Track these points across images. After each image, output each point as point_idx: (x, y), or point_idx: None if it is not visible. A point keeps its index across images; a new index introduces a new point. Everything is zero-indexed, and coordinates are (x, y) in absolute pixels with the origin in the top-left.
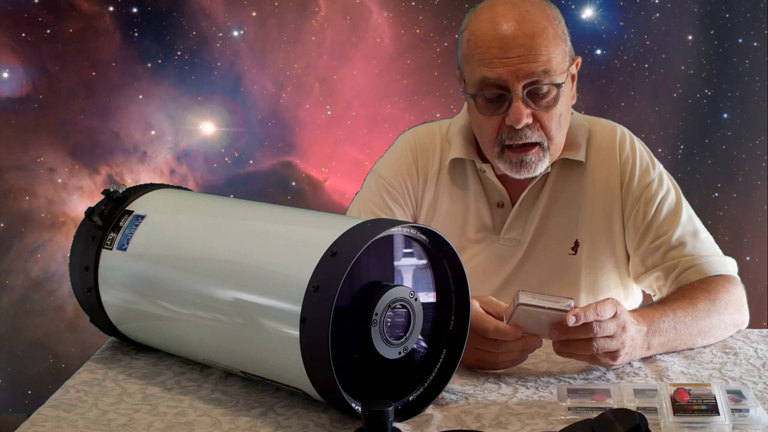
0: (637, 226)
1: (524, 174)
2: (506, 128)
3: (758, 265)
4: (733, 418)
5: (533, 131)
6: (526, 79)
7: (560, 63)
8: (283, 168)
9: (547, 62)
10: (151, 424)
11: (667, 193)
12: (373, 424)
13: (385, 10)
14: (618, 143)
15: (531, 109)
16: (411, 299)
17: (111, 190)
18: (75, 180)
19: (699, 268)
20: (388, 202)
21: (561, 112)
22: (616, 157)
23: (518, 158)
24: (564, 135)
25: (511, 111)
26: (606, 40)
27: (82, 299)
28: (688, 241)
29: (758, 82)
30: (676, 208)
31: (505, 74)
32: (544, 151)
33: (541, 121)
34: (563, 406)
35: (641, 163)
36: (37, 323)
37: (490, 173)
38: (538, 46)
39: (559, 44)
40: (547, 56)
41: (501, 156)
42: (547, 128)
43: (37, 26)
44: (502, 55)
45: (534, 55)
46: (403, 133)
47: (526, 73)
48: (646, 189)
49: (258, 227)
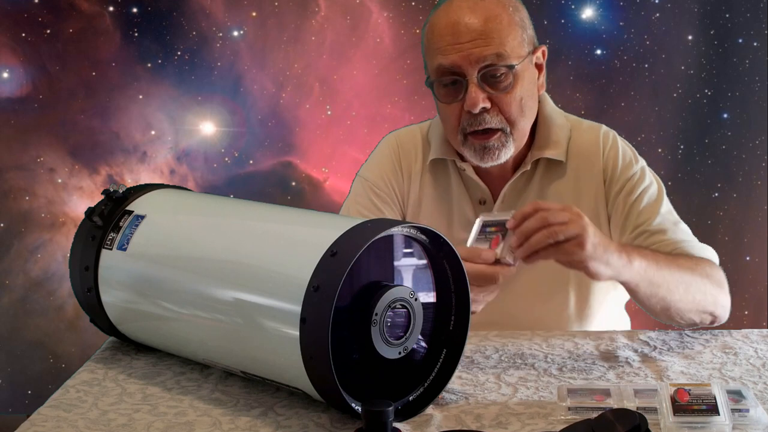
0: (618, 217)
1: (488, 161)
2: (466, 114)
3: (758, 265)
4: (733, 418)
5: (492, 116)
6: (479, 63)
7: (516, 47)
8: (283, 168)
9: (499, 45)
10: (151, 424)
11: (648, 185)
12: (373, 424)
13: (385, 10)
14: (602, 141)
15: (487, 93)
16: (411, 299)
17: (111, 190)
18: (75, 180)
19: (680, 251)
20: (376, 203)
21: (521, 97)
22: (600, 155)
23: (481, 144)
24: (528, 122)
25: (467, 96)
26: (606, 40)
27: (82, 299)
28: (669, 228)
29: (758, 82)
30: (658, 199)
31: (459, 59)
32: (507, 137)
33: (500, 106)
34: (563, 406)
35: (623, 159)
36: (37, 323)
37: (470, 171)
38: (489, 30)
39: (513, 29)
40: (499, 40)
41: (465, 143)
42: (506, 112)
43: (37, 26)
44: (455, 41)
45: (485, 39)
46: (386, 136)
47: (478, 57)
48: (627, 182)
49: (258, 227)
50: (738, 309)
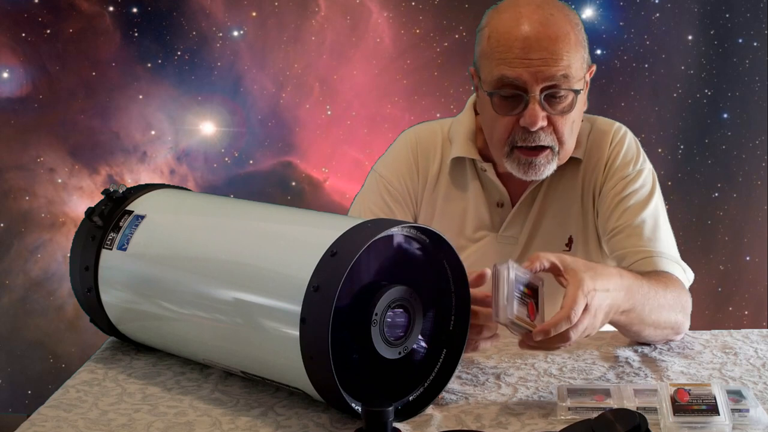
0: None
1: (531, 176)
2: (519, 129)
3: (758, 265)
4: (733, 418)
5: (546, 135)
6: (546, 82)
7: (579, 69)
8: (283, 168)
9: (567, 67)
10: (151, 424)
11: (640, 188)
12: (373, 424)
13: (385, 10)
14: (611, 137)
15: (546, 113)
16: (411, 299)
17: (111, 190)
18: (75, 180)
19: (649, 263)
20: (388, 203)
21: (574, 119)
22: (606, 149)
23: (528, 160)
24: (574, 141)
25: (527, 112)
26: (606, 40)
27: (82, 299)
28: (646, 234)
29: (758, 82)
30: (644, 202)
31: (525, 75)
32: (554, 155)
33: (555, 126)
34: (563, 406)
35: (625, 156)
36: (37, 323)
37: (491, 172)
38: (559, 50)
39: (579, 50)
40: (567, 61)
41: (510, 156)
42: (560, 133)
43: (37, 26)
44: (524, 56)
45: (555, 59)
46: (404, 132)
47: (546, 76)
48: (621, 180)
49: (258, 227)
50: (738, 309)
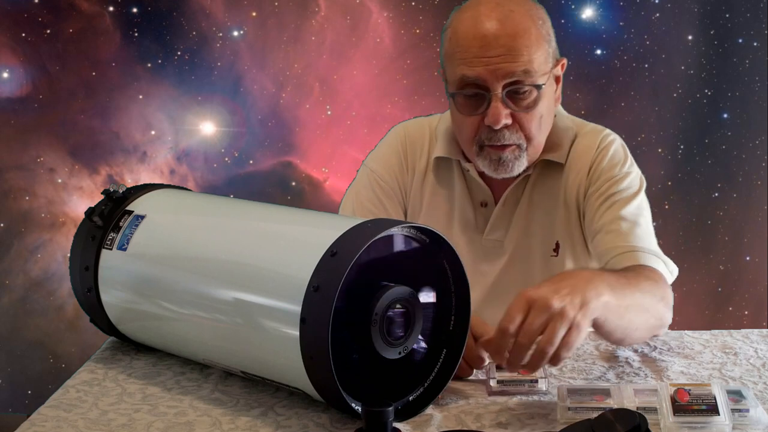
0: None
1: (502, 173)
2: (485, 128)
3: (758, 265)
4: (733, 418)
5: (512, 133)
6: (506, 79)
7: (542, 64)
8: (283, 168)
9: (528, 62)
10: (151, 424)
11: (625, 189)
12: (373, 424)
13: (385, 10)
14: (598, 143)
15: (510, 110)
16: (411, 299)
17: (111, 190)
18: (75, 180)
19: (629, 258)
20: (380, 198)
21: (541, 114)
22: (592, 155)
23: (497, 155)
24: (544, 136)
25: (489, 111)
26: (606, 40)
27: (82, 299)
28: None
29: (758, 82)
30: (626, 200)
31: (485, 73)
32: (522, 151)
33: (521, 123)
34: (563, 406)
35: (611, 159)
36: (37, 323)
37: (474, 172)
38: (519, 46)
39: (541, 45)
40: (528, 57)
41: (480, 154)
42: (526, 129)
43: (37, 26)
44: (483, 54)
45: (514, 55)
46: (394, 127)
47: (506, 72)
48: (606, 182)
49: (258, 227)
50: (738, 309)
